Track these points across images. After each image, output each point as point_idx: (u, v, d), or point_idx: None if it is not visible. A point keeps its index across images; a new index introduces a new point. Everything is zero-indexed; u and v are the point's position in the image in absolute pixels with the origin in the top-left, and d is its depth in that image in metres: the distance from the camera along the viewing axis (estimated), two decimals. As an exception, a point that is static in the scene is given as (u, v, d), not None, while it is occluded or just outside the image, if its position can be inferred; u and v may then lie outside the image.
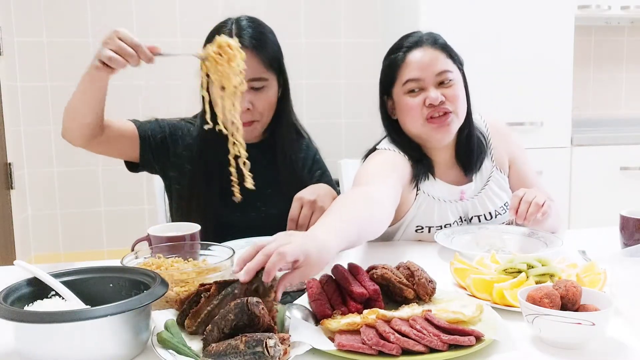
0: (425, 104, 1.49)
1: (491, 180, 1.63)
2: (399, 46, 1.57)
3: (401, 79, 1.53)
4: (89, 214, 3.42)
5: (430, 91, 1.49)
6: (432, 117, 1.50)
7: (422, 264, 1.12)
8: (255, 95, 1.51)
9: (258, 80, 1.51)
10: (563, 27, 3.04)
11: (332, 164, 2.36)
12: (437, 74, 1.50)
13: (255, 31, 1.52)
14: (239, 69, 1.30)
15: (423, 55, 1.51)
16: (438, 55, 1.52)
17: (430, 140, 1.55)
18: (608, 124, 3.70)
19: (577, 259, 1.33)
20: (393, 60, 1.56)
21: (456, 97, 1.51)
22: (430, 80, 1.50)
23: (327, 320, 0.95)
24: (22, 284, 0.95)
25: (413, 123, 1.53)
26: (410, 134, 1.58)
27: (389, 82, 1.58)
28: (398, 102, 1.56)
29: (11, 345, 0.90)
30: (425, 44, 1.53)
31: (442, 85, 1.51)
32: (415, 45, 1.53)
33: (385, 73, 1.59)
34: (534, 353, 0.90)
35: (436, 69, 1.50)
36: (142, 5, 3.33)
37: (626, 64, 3.82)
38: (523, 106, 3.02)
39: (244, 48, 1.46)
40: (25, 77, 3.27)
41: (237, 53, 1.30)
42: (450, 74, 1.52)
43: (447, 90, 1.51)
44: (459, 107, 1.52)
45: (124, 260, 1.12)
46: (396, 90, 1.56)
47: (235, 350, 0.80)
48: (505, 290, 1.05)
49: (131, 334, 0.88)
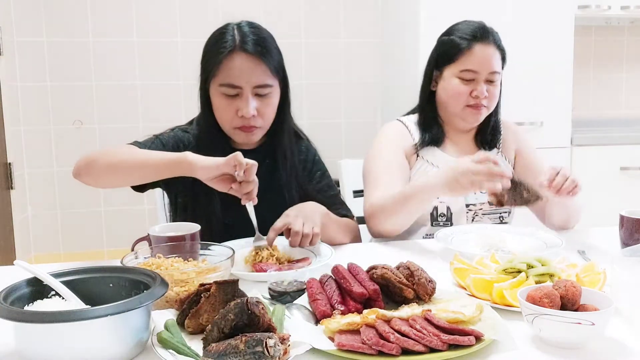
0: (472, 94, 1.66)
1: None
2: (466, 31, 1.67)
3: (460, 65, 1.66)
4: (89, 214, 3.42)
5: (479, 85, 1.66)
6: (469, 104, 1.67)
7: (422, 264, 1.12)
8: (261, 102, 1.50)
9: (264, 87, 1.49)
10: (563, 27, 3.04)
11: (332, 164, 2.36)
12: (490, 73, 1.66)
13: (259, 37, 1.50)
14: None
15: (487, 51, 1.65)
16: (496, 55, 1.67)
17: (461, 121, 1.73)
18: (608, 124, 3.69)
19: (577, 259, 1.33)
20: (457, 43, 1.67)
21: (495, 96, 1.70)
22: (484, 75, 1.66)
23: (327, 320, 0.95)
24: (22, 284, 0.95)
25: (455, 104, 1.70)
26: (445, 111, 1.74)
27: (445, 60, 1.70)
28: (447, 81, 1.70)
29: (11, 345, 0.90)
30: (490, 39, 1.66)
31: (489, 82, 1.67)
32: (482, 38, 1.65)
33: (444, 50, 1.71)
34: (534, 353, 0.90)
35: (492, 68, 1.66)
36: (142, 5, 3.33)
37: (626, 64, 3.82)
38: (523, 106, 3.01)
39: (250, 55, 1.46)
40: (25, 77, 3.27)
41: None
42: (498, 75, 1.69)
43: (491, 88, 1.68)
44: (493, 104, 1.72)
45: (124, 260, 1.12)
46: (449, 71, 1.69)
47: (235, 350, 0.80)
48: (505, 290, 1.05)
49: (131, 334, 0.88)
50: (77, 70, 3.32)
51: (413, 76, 3.02)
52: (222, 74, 1.46)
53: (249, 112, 1.47)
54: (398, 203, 1.53)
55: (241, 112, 1.47)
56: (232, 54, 1.46)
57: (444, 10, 2.84)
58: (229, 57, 1.46)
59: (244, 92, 1.47)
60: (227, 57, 1.45)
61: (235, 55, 1.46)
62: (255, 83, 1.47)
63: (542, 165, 1.76)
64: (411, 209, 1.53)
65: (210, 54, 1.50)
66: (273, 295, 1.09)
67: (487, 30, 1.67)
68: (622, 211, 1.41)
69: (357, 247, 1.58)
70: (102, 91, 3.34)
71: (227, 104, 1.48)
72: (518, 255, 1.20)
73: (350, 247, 1.55)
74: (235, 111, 1.48)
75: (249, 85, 1.47)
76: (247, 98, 1.47)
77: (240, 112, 1.47)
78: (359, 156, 1.72)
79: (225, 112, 1.50)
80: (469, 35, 1.66)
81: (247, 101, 1.47)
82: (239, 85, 1.46)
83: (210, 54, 1.50)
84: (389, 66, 3.45)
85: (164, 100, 3.33)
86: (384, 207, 1.56)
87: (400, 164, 1.70)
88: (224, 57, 1.45)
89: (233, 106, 1.48)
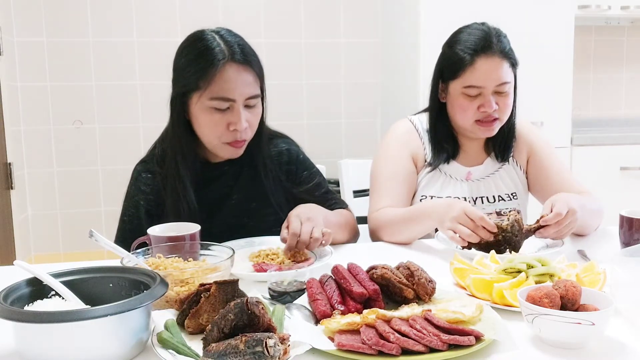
0: (480, 109, 1.58)
1: (502, 169, 1.71)
2: (468, 43, 1.58)
3: (463, 81, 1.58)
4: (89, 214, 3.42)
5: (487, 99, 1.57)
6: (479, 119, 1.60)
7: (422, 264, 1.12)
8: (250, 113, 1.43)
9: (254, 98, 1.43)
10: (563, 27, 3.04)
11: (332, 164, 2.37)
12: (497, 85, 1.57)
13: (242, 44, 1.43)
14: None
15: (490, 64, 1.56)
16: (503, 65, 1.57)
17: (473, 134, 1.66)
18: (608, 124, 3.70)
19: (577, 259, 1.33)
20: (459, 58, 1.58)
21: (507, 106, 1.61)
22: (490, 89, 1.57)
23: (327, 320, 0.95)
24: (22, 284, 0.95)
25: (463, 120, 1.63)
26: (455, 125, 1.68)
27: (448, 74, 1.62)
28: (453, 96, 1.62)
29: (11, 345, 0.90)
30: (493, 50, 1.56)
31: (499, 94, 1.59)
32: (484, 50, 1.56)
33: (447, 64, 1.63)
34: (534, 353, 0.90)
35: (499, 80, 1.57)
36: (142, 5, 3.33)
37: (626, 64, 3.82)
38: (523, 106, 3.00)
39: (239, 65, 1.39)
40: (25, 77, 3.27)
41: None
42: (508, 85, 1.59)
43: (502, 99, 1.59)
44: (506, 114, 1.63)
45: (124, 260, 1.12)
46: (454, 85, 1.61)
47: (235, 350, 0.80)
48: (505, 290, 1.05)
49: (131, 334, 0.88)
50: (77, 70, 3.32)
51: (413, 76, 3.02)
52: (214, 87, 1.37)
53: (242, 126, 1.40)
54: (402, 223, 1.52)
55: (234, 126, 1.40)
56: (225, 66, 1.38)
57: (444, 11, 2.84)
58: (222, 70, 1.37)
59: (236, 105, 1.39)
60: (220, 69, 1.37)
61: (228, 67, 1.38)
62: (247, 95, 1.40)
63: (559, 164, 1.72)
64: (413, 231, 1.52)
65: (194, 67, 1.40)
66: (273, 295, 1.09)
67: (490, 40, 1.57)
68: (622, 211, 1.41)
69: (357, 247, 1.58)
70: (102, 91, 3.34)
71: (218, 118, 1.40)
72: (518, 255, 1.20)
73: (350, 247, 1.55)
74: (227, 125, 1.41)
75: (242, 98, 1.40)
76: (239, 111, 1.40)
77: (232, 127, 1.40)
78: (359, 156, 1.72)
79: (215, 127, 1.41)
80: (471, 49, 1.56)
81: (240, 114, 1.40)
82: (233, 99, 1.39)
83: (194, 67, 1.40)
84: (389, 66, 3.45)
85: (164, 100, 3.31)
86: (388, 224, 1.55)
87: (406, 170, 1.67)
88: (217, 70, 1.37)
89: (224, 120, 1.40)
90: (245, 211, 1.55)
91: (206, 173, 1.52)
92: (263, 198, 1.55)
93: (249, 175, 1.56)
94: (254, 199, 1.55)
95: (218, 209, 1.53)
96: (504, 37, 1.62)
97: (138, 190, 1.52)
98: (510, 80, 1.60)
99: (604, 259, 1.22)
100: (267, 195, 1.55)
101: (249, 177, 1.56)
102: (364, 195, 2.12)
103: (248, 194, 1.55)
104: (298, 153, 1.65)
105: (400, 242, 1.55)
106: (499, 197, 1.69)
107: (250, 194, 1.55)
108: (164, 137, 1.55)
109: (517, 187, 1.72)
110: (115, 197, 3.40)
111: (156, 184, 1.51)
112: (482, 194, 1.69)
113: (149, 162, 1.54)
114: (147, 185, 1.52)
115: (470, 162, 1.71)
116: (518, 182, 1.72)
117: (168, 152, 1.49)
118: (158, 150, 1.54)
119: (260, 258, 1.34)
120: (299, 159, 1.64)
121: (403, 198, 1.64)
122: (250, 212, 1.55)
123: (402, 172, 1.67)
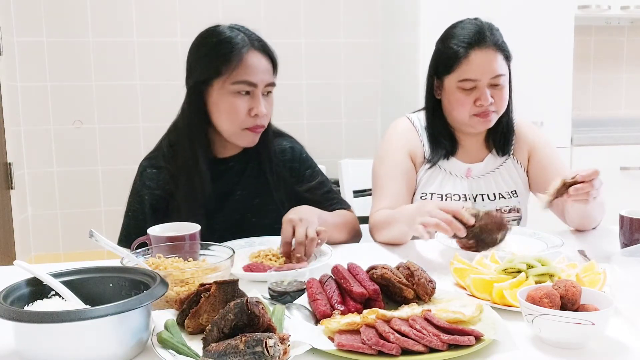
0: (476, 103, 1.59)
1: (502, 167, 1.71)
2: (462, 37, 1.59)
3: (458, 75, 1.58)
4: (89, 214, 3.42)
5: (482, 92, 1.57)
6: (476, 113, 1.61)
7: (422, 264, 1.12)
8: (267, 102, 1.50)
9: (271, 85, 1.50)
10: (563, 27, 3.04)
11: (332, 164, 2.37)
12: (492, 77, 1.58)
13: (260, 37, 1.51)
14: None
15: (484, 57, 1.57)
16: (497, 58, 1.58)
17: (470, 128, 1.66)
18: (608, 124, 3.70)
19: (577, 259, 1.33)
20: (453, 52, 1.59)
21: (503, 99, 1.62)
22: (485, 82, 1.58)
23: (327, 320, 0.95)
24: (22, 284, 0.95)
25: (459, 115, 1.63)
26: (452, 120, 1.67)
27: (443, 69, 1.62)
28: (449, 91, 1.62)
29: (11, 345, 0.90)
30: (487, 43, 1.57)
31: (494, 86, 1.59)
32: (477, 43, 1.57)
33: (441, 59, 1.63)
34: (534, 353, 0.90)
35: (493, 72, 1.57)
36: (142, 5, 3.33)
37: (626, 64, 3.82)
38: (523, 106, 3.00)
39: (260, 53, 1.47)
40: (25, 77, 3.27)
41: None
42: (503, 78, 1.59)
43: (497, 91, 1.60)
44: (502, 107, 1.64)
45: (124, 260, 1.12)
46: (449, 80, 1.61)
47: (235, 350, 0.80)
48: (505, 290, 1.05)
49: (131, 334, 0.88)
50: (77, 70, 3.32)
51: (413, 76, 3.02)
52: (238, 71, 1.43)
53: (262, 111, 1.46)
54: (384, 227, 1.54)
55: (255, 111, 1.46)
56: (248, 52, 1.45)
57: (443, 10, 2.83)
58: (245, 55, 1.44)
59: (257, 90, 1.46)
60: (246, 54, 1.44)
61: (251, 53, 1.45)
62: (267, 81, 1.47)
63: (560, 163, 1.72)
64: (389, 234, 1.53)
65: (215, 54, 1.45)
66: (273, 295, 1.09)
67: (484, 33, 1.58)
68: (622, 211, 1.41)
69: (357, 247, 1.58)
70: (102, 91, 3.34)
71: (240, 103, 1.45)
72: (518, 255, 1.20)
73: (350, 247, 1.55)
74: (248, 111, 1.46)
75: (262, 84, 1.47)
76: (259, 97, 1.46)
77: (254, 112, 1.46)
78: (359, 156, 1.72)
79: (237, 113, 1.45)
80: (465, 42, 1.57)
81: (259, 99, 1.46)
82: (255, 83, 1.45)
83: (215, 54, 1.45)
84: (389, 66, 3.45)
85: (164, 100, 3.33)
86: (376, 226, 1.57)
87: (404, 168, 1.67)
88: (241, 55, 1.43)
89: (245, 105, 1.46)
90: (249, 207, 1.55)
91: (212, 168, 1.54)
92: (267, 194, 1.57)
93: (253, 172, 1.58)
94: (258, 195, 1.57)
95: (222, 205, 1.54)
96: (497, 31, 1.62)
97: (143, 185, 1.54)
98: (504, 73, 1.60)
99: (604, 259, 1.22)
100: (270, 191, 1.57)
101: (253, 173, 1.58)
102: (364, 195, 2.12)
103: (252, 190, 1.56)
104: (301, 151, 1.68)
105: (394, 243, 1.55)
106: (499, 194, 1.69)
107: (254, 190, 1.57)
108: (171, 132, 1.58)
109: (518, 185, 1.72)
110: (115, 197, 3.44)
111: (161, 179, 1.53)
112: (482, 191, 1.69)
113: (154, 158, 1.57)
114: (152, 180, 1.54)
115: (470, 158, 1.71)
116: (519, 180, 1.72)
117: (181, 146, 1.52)
118: (164, 146, 1.57)
119: (260, 258, 1.34)
120: (302, 157, 1.67)
121: (402, 197, 1.65)
122: (254, 208, 1.57)
123: (400, 171, 1.67)
